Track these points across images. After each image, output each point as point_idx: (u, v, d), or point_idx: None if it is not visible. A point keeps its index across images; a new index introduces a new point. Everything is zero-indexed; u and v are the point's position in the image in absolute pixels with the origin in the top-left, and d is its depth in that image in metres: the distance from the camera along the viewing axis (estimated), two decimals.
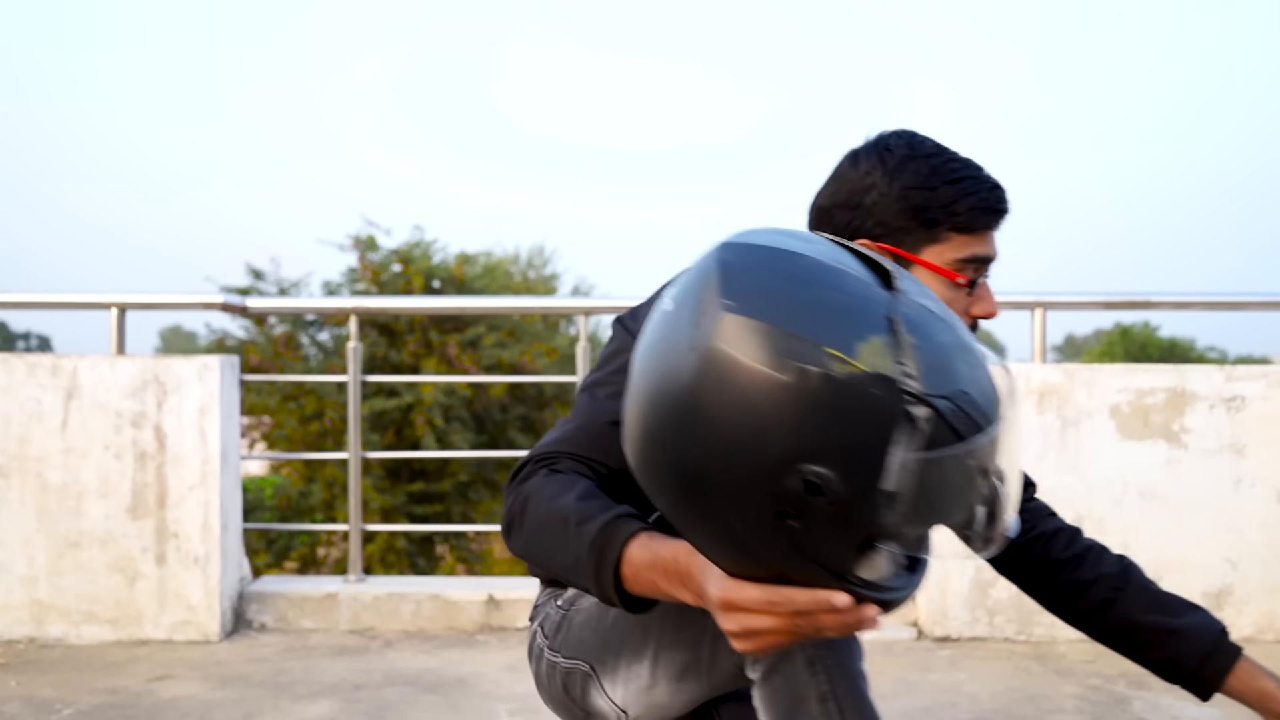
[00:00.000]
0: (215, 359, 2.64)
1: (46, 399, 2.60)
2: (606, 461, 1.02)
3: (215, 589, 2.60)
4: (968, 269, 1.11)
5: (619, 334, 1.14)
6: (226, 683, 2.28)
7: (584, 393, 1.11)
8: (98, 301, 2.76)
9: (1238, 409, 2.64)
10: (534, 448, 1.07)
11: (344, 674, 2.35)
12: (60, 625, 2.59)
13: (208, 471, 2.61)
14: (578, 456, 1.03)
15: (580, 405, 1.09)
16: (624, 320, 1.15)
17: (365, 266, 11.80)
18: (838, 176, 1.14)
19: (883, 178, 1.09)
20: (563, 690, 1.16)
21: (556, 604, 1.22)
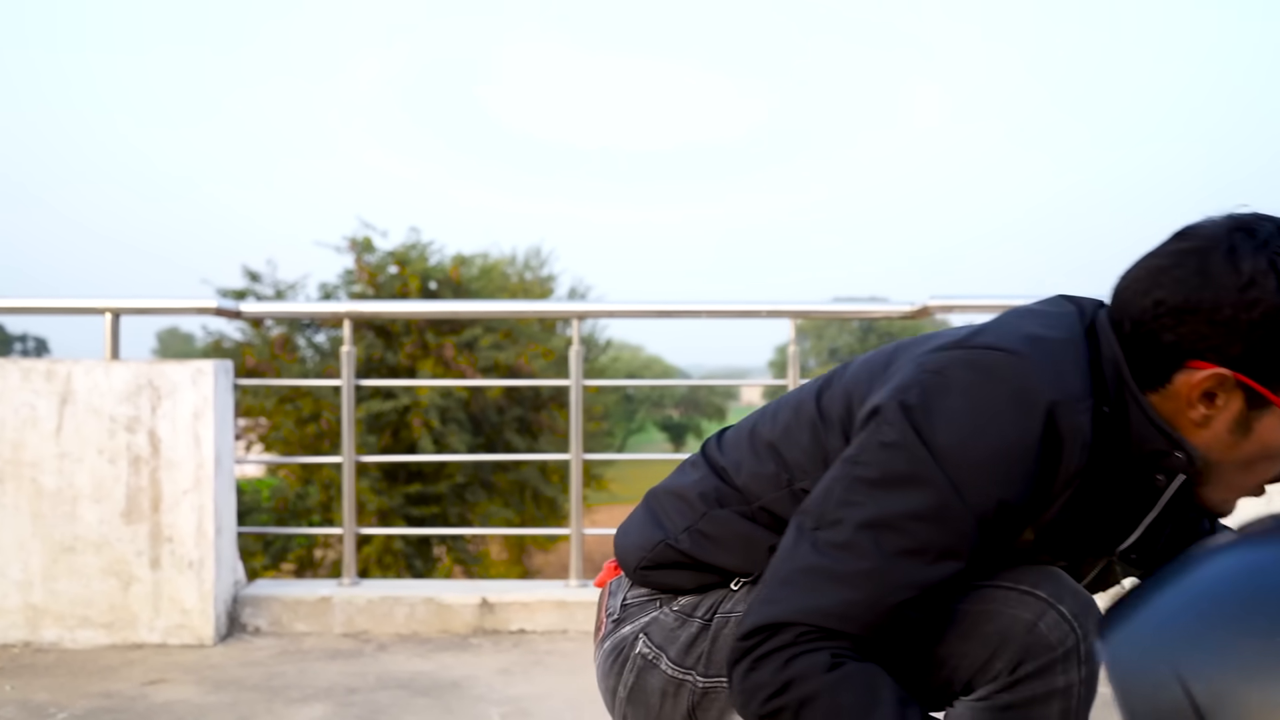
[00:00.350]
0: (209, 364, 2.65)
1: (41, 404, 2.61)
2: (891, 645, 0.92)
3: (209, 593, 2.61)
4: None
5: (907, 442, 0.92)
6: (220, 686, 2.29)
7: (865, 530, 0.91)
8: (92, 307, 2.77)
9: None
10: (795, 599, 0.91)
11: (337, 677, 2.37)
12: (55, 629, 2.60)
13: (202, 476, 2.61)
14: (858, 638, 0.90)
15: (863, 551, 0.90)
16: (913, 416, 0.93)
17: (362, 268, 11.82)
18: (1201, 273, 0.90)
19: (1275, 295, 0.88)
20: (687, 713, 1.08)
21: (672, 608, 1.12)
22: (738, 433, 1.17)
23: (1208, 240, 0.92)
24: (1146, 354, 0.94)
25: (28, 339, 41.80)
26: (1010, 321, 1.01)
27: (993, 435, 0.91)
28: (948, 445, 0.91)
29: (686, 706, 1.08)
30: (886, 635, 0.92)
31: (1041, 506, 0.95)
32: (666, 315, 2.86)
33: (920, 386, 0.94)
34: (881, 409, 0.95)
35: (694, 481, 1.14)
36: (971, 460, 0.90)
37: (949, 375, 0.94)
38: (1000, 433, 0.91)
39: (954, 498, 0.90)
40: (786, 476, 1.06)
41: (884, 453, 0.93)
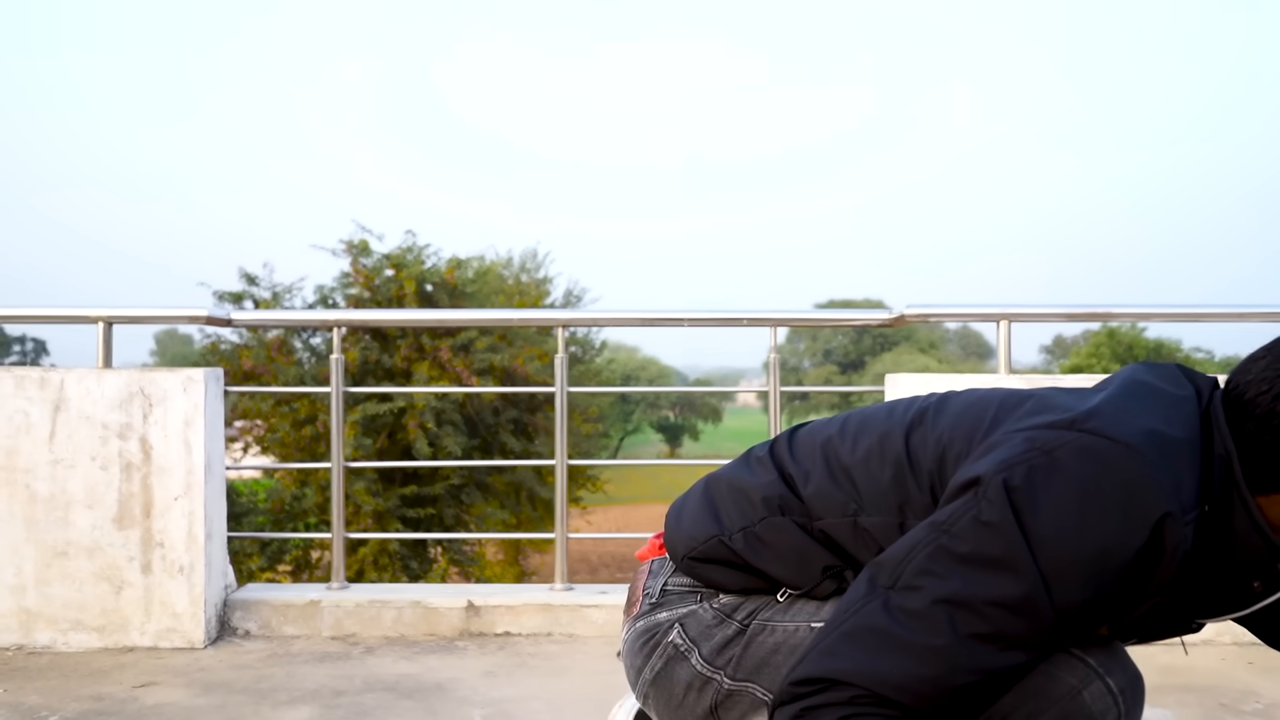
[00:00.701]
0: (200, 372, 2.70)
1: (34, 411, 2.66)
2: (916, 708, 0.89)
3: (200, 597, 2.66)
4: None
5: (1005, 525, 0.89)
6: (209, 689, 2.34)
7: (941, 607, 0.89)
8: (84, 315, 2.82)
9: None
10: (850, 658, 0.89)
11: (324, 680, 2.41)
12: (48, 633, 2.65)
13: (192, 482, 2.66)
14: (912, 709, 0.89)
15: (932, 627, 0.89)
16: (1015, 500, 0.90)
17: (358, 271, 11.86)
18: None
19: None
20: (709, 710, 1.11)
21: (712, 605, 1.13)
22: (811, 440, 1.15)
23: None
24: (1265, 458, 0.92)
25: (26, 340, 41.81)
26: (1129, 405, 0.96)
27: (1095, 536, 0.88)
28: (1046, 537, 0.88)
29: (710, 704, 1.11)
30: (938, 710, 0.90)
31: (1126, 609, 0.95)
32: (649, 323, 2.91)
33: (1028, 466, 0.91)
34: (983, 482, 0.92)
35: (760, 484, 1.13)
36: (1068, 557, 0.88)
37: (1060, 460, 0.91)
38: (1103, 535, 0.88)
39: (1041, 591, 0.88)
40: (854, 506, 1.05)
41: (978, 530, 0.90)
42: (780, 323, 2.93)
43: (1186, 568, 0.93)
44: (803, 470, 1.11)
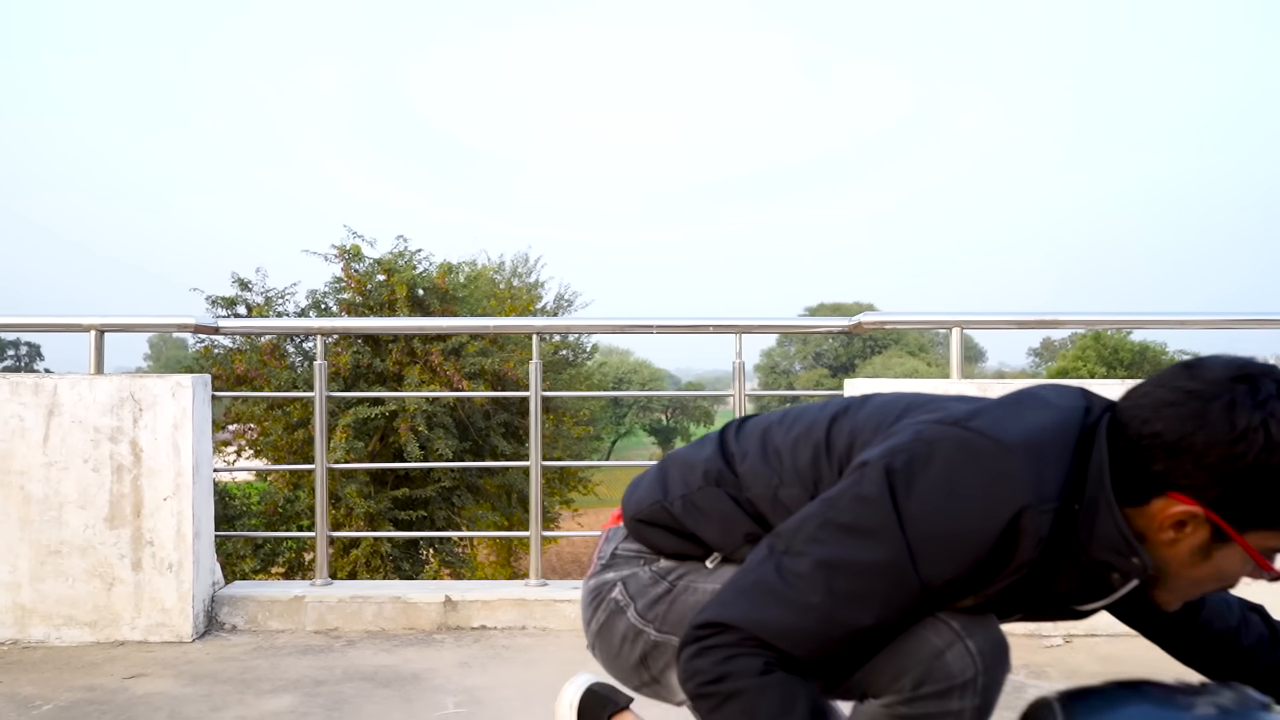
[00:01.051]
0: (188, 378, 2.82)
1: (29, 416, 2.78)
2: (820, 672, 1.04)
3: (188, 593, 2.78)
4: (1275, 555, 1.04)
5: (880, 502, 1.03)
6: (196, 680, 2.46)
7: (820, 569, 1.03)
8: (77, 324, 2.93)
9: None
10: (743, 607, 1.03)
11: (306, 671, 2.53)
12: (42, 628, 2.77)
13: (181, 483, 2.78)
14: (789, 655, 1.02)
15: (814, 588, 1.02)
16: (893, 479, 1.03)
17: (350, 276, 11.97)
18: (1199, 417, 0.98)
19: (1260, 453, 0.96)
20: (639, 659, 1.25)
21: (650, 568, 1.27)
22: (755, 427, 1.29)
23: (1212, 386, 0.99)
24: (1134, 473, 1.02)
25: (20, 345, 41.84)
26: (1013, 411, 1.08)
27: (959, 518, 1.01)
28: (915, 515, 1.01)
29: (640, 653, 1.26)
30: (814, 657, 1.04)
31: (984, 585, 1.05)
32: (620, 330, 3.04)
33: (909, 454, 1.04)
34: (869, 464, 1.05)
35: (704, 458, 1.28)
36: (933, 534, 1.01)
37: (938, 451, 1.03)
38: (966, 518, 1.00)
39: (907, 561, 1.01)
40: (777, 481, 1.19)
41: (859, 505, 1.04)
42: (746, 329, 3.06)
43: (1052, 554, 1.04)
44: (742, 449, 1.26)
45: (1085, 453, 1.05)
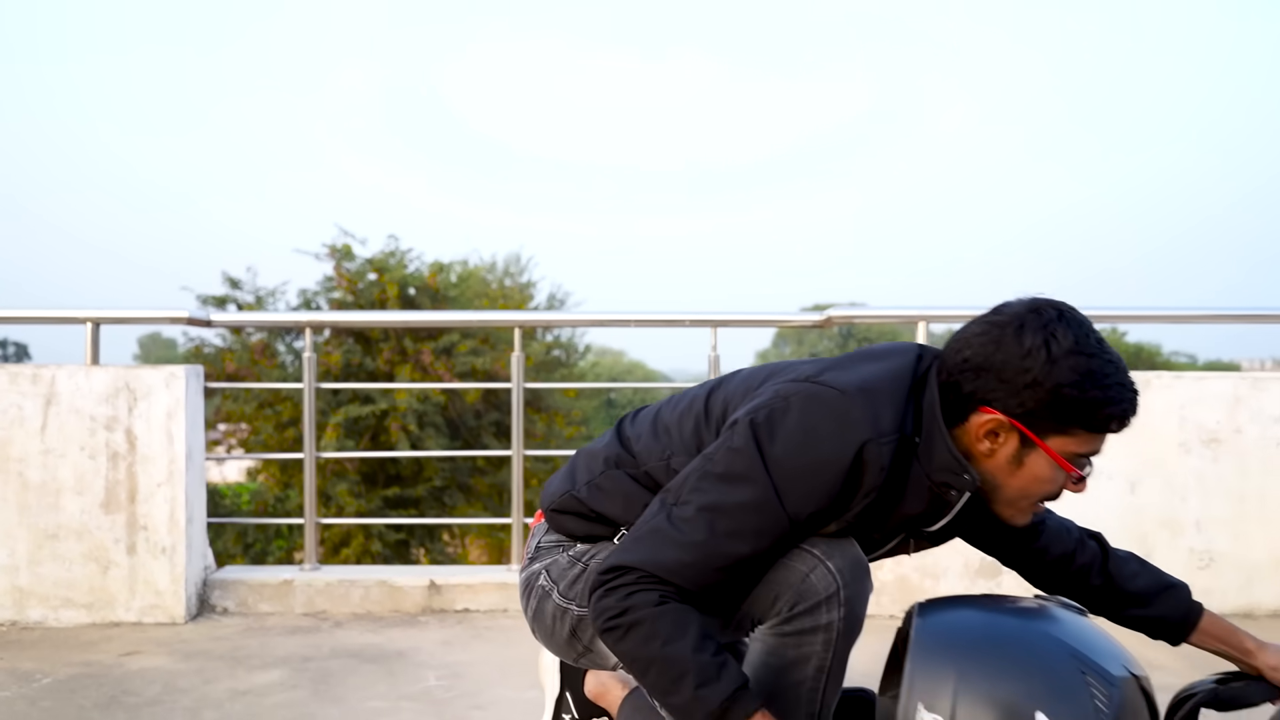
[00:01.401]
0: (181, 369, 2.92)
1: (27, 405, 2.88)
2: (707, 599, 1.20)
3: (181, 576, 2.88)
4: (1082, 461, 1.21)
5: (747, 450, 1.19)
6: (189, 657, 2.57)
7: (702, 513, 1.18)
8: (74, 316, 3.04)
9: None
10: (641, 551, 1.19)
11: (295, 649, 2.64)
12: (40, 609, 2.87)
13: (174, 470, 2.89)
14: (680, 588, 1.18)
15: (696, 527, 1.18)
16: (757, 430, 1.20)
17: (341, 275, 12.06)
18: (997, 341, 1.18)
19: (1043, 365, 1.15)
20: (570, 633, 1.40)
21: (568, 554, 1.40)
22: (648, 411, 1.47)
23: (1008, 317, 1.20)
24: (954, 398, 1.22)
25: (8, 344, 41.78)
26: (851, 365, 1.28)
27: (812, 456, 1.19)
28: (778, 458, 1.18)
29: (569, 628, 1.40)
30: (705, 588, 1.21)
31: (843, 511, 1.23)
32: (598, 324, 3.16)
33: (769, 409, 1.22)
34: (738, 422, 1.22)
35: (604, 445, 1.45)
36: (794, 472, 1.18)
37: (793, 403, 1.22)
38: (819, 455, 1.18)
39: (774, 498, 1.18)
40: (668, 453, 1.36)
41: (730, 455, 1.21)
42: (720, 323, 3.18)
43: (898, 480, 1.23)
44: (636, 432, 1.43)
45: (920, 393, 1.25)
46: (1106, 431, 1.20)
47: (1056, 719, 1.00)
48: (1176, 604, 1.44)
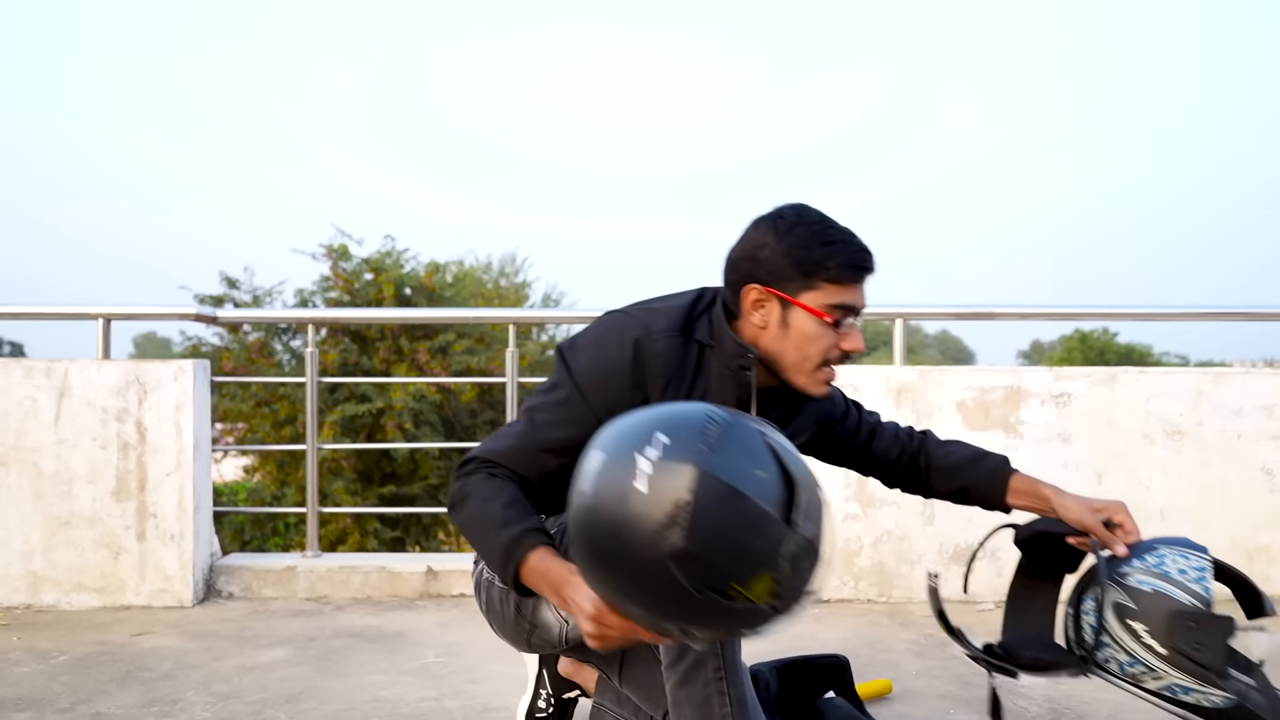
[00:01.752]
0: (189, 363, 3.05)
1: (41, 397, 3.00)
2: (531, 478, 1.41)
3: (189, 562, 3.01)
4: (836, 312, 1.38)
5: (559, 367, 1.45)
6: (198, 637, 2.69)
7: (527, 413, 1.44)
8: (85, 313, 3.16)
9: (1064, 404, 3.11)
10: (483, 446, 1.43)
11: (299, 630, 2.77)
12: (53, 593, 2.99)
13: (182, 460, 3.01)
14: (512, 470, 1.39)
15: (522, 423, 1.43)
16: (564, 352, 1.45)
17: (338, 275, 12.16)
18: (743, 237, 1.44)
19: (775, 238, 1.39)
20: (515, 611, 1.53)
21: None
22: None
23: (756, 218, 1.45)
24: (731, 292, 1.44)
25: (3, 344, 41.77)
26: (641, 300, 1.51)
27: (601, 360, 1.41)
28: (577, 366, 1.42)
29: (514, 605, 1.54)
30: (530, 469, 1.40)
31: (644, 399, 1.40)
32: (589, 320, 3.28)
33: (575, 335, 1.48)
34: (557, 350, 1.47)
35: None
36: (589, 374, 1.41)
37: (588, 329, 1.47)
38: (606, 357, 1.41)
39: (578, 395, 1.41)
40: None
41: (551, 375, 1.48)
42: None
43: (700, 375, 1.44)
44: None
45: (709, 310, 1.47)
46: (846, 281, 1.38)
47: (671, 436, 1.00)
48: (986, 468, 1.68)
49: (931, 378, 3.12)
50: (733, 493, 0.98)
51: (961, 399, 3.11)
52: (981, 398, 3.11)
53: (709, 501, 0.97)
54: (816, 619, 2.90)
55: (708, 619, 1.02)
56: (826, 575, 3.10)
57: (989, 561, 3.08)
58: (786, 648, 2.57)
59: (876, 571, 3.08)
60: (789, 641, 2.64)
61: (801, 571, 1.02)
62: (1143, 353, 30.84)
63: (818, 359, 1.41)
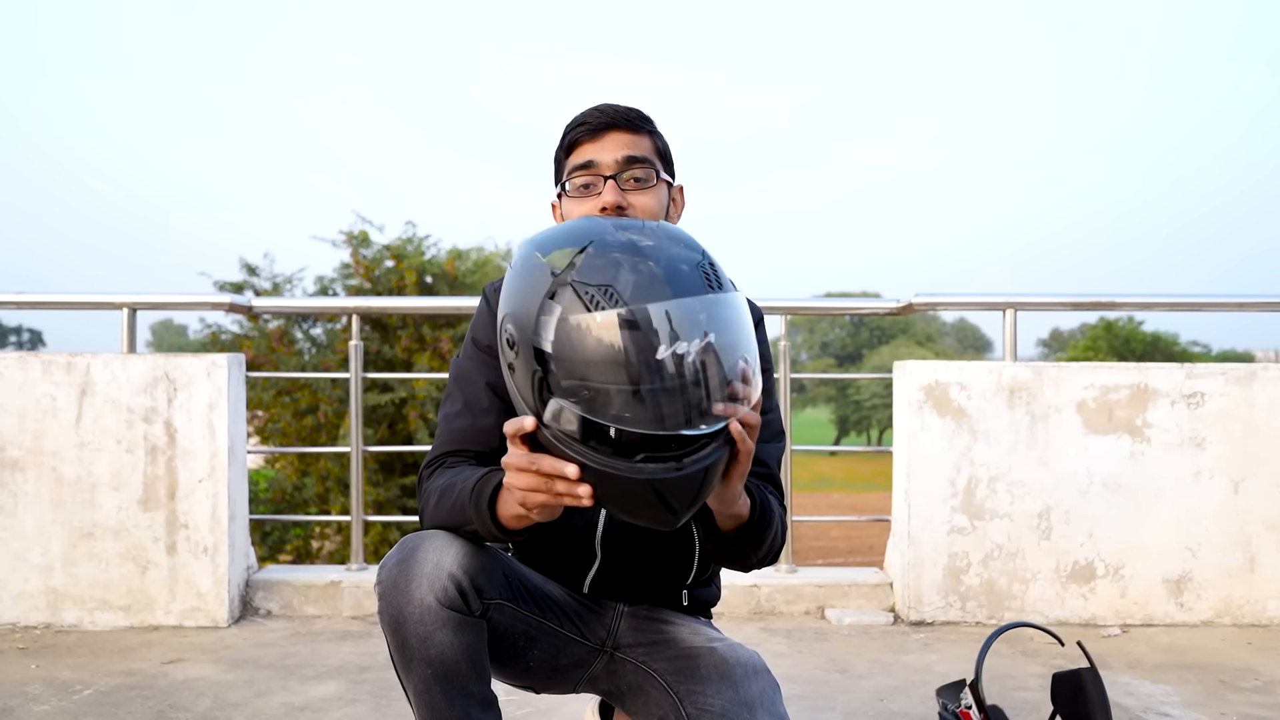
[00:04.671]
0: (223, 358, 2.75)
1: (61, 395, 2.71)
2: (484, 449, 1.28)
3: (224, 577, 2.72)
4: (578, 173, 1.30)
5: (466, 341, 1.38)
6: (237, 665, 2.40)
7: (456, 381, 1.34)
8: (110, 302, 2.87)
9: (1197, 405, 2.78)
10: (433, 448, 1.31)
11: (349, 657, 2.47)
12: (75, 612, 2.71)
13: (216, 465, 2.72)
14: (463, 452, 1.28)
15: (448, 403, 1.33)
16: (487, 292, 1.40)
17: (359, 262, 11.88)
18: None
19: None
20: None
21: None
22: None
23: None
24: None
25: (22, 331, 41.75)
26: None
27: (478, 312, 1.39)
28: (471, 336, 1.37)
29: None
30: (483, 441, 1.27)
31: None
32: None
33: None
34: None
35: None
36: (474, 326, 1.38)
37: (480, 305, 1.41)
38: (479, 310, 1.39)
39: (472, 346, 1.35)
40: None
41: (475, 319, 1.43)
42: (791, 311, 2.99)
43: None
44: None
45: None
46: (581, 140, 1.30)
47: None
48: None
49: (1049, 375, 2.80)
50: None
51: (1082, 399, 2.78)
52: (1104, 398, 2.78)
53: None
54: (925, 646, 2.59)
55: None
56: None
57: (1112, 580, 2.76)
58: (904, 682, 2.26)
59: (986, 591, 2.77)
60: (904, 675, 2.33)
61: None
62: (1169, 341, 30.30)
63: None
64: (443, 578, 1.11)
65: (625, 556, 1.34)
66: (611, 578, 1.36)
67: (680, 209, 1.40)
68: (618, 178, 1.28)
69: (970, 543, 2.77)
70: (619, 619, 1.39)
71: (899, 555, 2.85)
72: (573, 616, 1.35)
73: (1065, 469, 2.77)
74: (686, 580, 1.40)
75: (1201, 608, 2.75)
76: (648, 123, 1.33)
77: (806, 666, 2.42)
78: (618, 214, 1.25)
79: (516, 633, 1.25)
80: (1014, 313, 2.90)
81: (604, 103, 1.33)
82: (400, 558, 1.14)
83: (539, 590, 1.31)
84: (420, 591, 1.11)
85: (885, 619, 2.81)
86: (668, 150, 1.37)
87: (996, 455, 2.77)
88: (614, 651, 1.38)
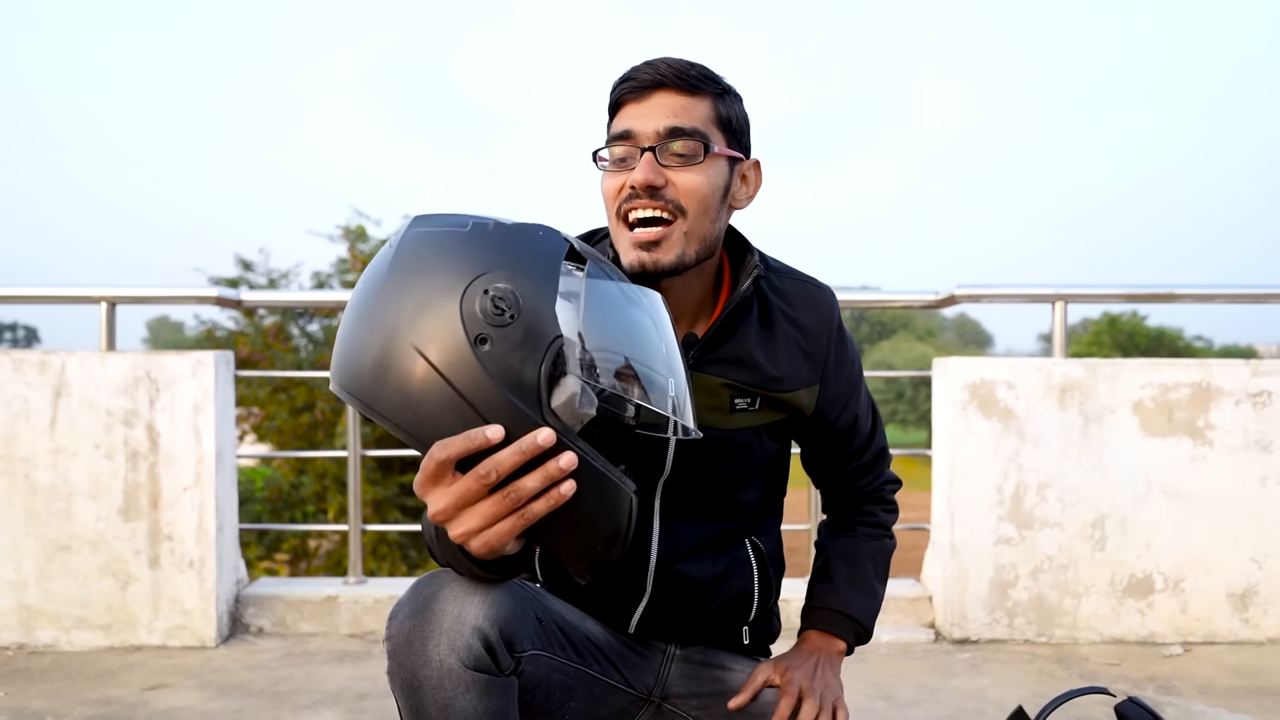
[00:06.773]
0: (209, 355, 2.54)
1: (34, 397, 2.50)
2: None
3: (211, 593, 2.51)
4: (615, 143, 1.09)
5: None
6: (224, 692, 2.20)
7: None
8: (86, 295, 2.66)
9: (1264, 405, 2.58)
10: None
11: (346, 681, 2.27)
12: (50, 631, 2.50)
13: (202, 471, 2.51)
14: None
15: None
16: None
17: (355, 257, 11.67)
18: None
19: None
20: None
21: None
22: None
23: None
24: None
25: (17, 328, 41.45)
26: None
27: None
28: None
29: None
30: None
31: None
32: None
33: None
34: None
35: None
36: None
37: None
38: None
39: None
40: None
41: None
42: None
43: None
44: None
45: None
46: (625, 102, 1.09)
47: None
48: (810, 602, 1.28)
49: (1103, 373, 2.59)
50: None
51: (1139, 399, 2.57)
52: (1163, 397, 2.58)
53: None
54: (973, 667, 2.38)
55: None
56: None
57: (1172, 594, 2.56)
58: (956, 711, 2.06)
59: (1035, 606, 2.56)
60: (956, 702, 2.13)
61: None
62: (1173, 336, 30.11)
63: (614, 209, 1.09)
64: (465, 634, 0.90)
65: (680, 590, 1.13)
66: (662, 615, 1.15)
67: (753, 189, 1.15)
68: (656, 150, 1.05)
69: (1018, 554, 2.56)
70: (669, 664, 1.18)
71: (940, 567, 2.64)
72: (616, 661, 1.14)
73: (1121, 474, 2.56)
74: (749, 616, 1.19)
75: (1269, 624, 2.55)
76: (708, 82, 1.08)
77: (847, 693, 2.21)
78: (648, 194, 1.04)
79: (552, 684, 1.05)
80: (1064, 305, 2.69)
81: (661, 56, 1.10)
82: (414, 608, 0.92)
83: (577, 631, 1.11)
84: (439, 651, 0.89)
85: (925, 636, 2.61)
86: (736, 118, 1.11)
87: (1047, 459, 2.56)
88: (661, 701, 1.18)
